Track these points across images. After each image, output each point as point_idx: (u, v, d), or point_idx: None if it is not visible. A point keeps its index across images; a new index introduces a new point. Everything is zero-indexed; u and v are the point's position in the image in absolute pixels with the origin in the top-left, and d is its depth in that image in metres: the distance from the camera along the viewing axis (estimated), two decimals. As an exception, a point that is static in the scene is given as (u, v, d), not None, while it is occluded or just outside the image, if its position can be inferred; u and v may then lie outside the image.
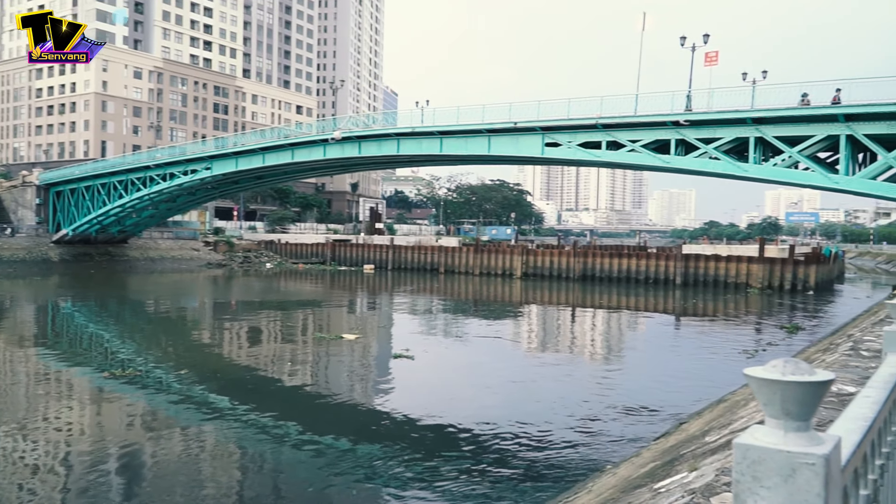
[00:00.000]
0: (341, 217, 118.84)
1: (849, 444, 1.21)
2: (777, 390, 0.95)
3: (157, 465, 11.77)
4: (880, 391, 1.80)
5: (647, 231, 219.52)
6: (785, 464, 0.91)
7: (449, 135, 43.85)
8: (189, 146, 62.46)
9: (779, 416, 0.96)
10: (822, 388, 0.95)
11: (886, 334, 2.60)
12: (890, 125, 29.00)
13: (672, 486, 6.22)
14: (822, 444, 0.92)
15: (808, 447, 0.91)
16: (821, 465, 0.90)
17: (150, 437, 13.47)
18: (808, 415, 0.95)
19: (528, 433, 13.57)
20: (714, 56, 39.43)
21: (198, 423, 14.14)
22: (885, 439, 1.84)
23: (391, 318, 34.74)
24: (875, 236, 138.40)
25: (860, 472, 1.37)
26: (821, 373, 0.96)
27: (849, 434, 1.29)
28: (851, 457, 1.18)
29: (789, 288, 47.19)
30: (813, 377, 0.94)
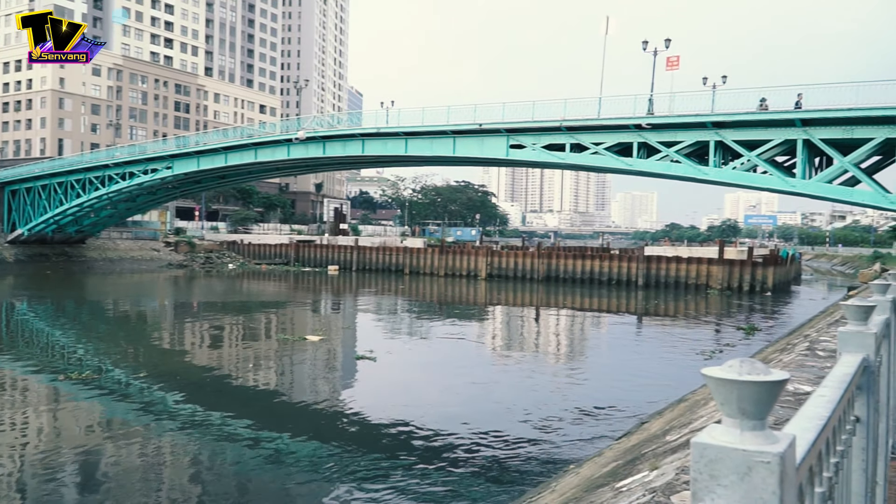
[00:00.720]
0: (305, 218, 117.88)
1: (804, 443, 1.23)
2: (733, 390, 0.96)
3: (114, 469, 11.51)
4: (835, 390, 1.84)
5: (610, 233, 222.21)
6: (741, 462, 0.92)
7: (414, 136, 43.82)
8: (149, 145, 61.39)
9: (735, 415, 0.97)
10: (777, 387, 0.96)
11: (841, 335, 2.66)
12: (845, 130, 29.80)
13: (633, 485, 6.29)
14: (778, 443, 0.93)
15: (763, 446, 0.92)
16: (776, 463, 0.91)
17: (107, 440, 13.18)
18: (763, 414, 0.96)
19: (491, 434, 13.61)
20: (675, 61, 40.09)
21: (156, 426, 13.88)
22: (840, 438, 1.87)
23: (355, 320, 34.57)
24: (831, 239, 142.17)
25: (815, 470, 1.39)
26: (776, 372, 0.97)
27: (804, 433, 1.31)
28: (806, 455, 1.20)
29: (748, 289, 48.17)
30: (768, 377, 0.96)
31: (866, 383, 2.56)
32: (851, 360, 2.36)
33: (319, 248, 69.42)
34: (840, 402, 1.78)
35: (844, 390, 1.88)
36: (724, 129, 32.73)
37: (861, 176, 29.94)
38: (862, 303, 2.84)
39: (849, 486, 2.26)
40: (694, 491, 0.96)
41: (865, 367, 2.52)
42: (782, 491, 0.92)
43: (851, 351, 2.55)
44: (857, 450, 2.44)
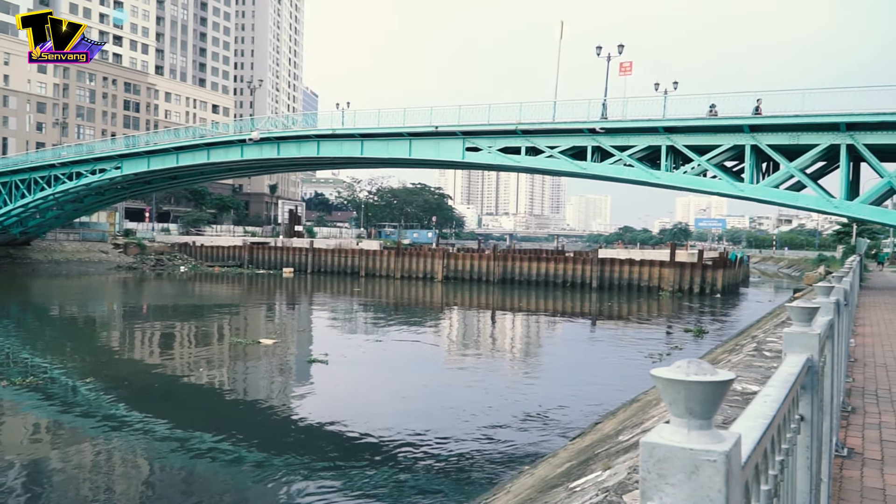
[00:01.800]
0: (259, 219, 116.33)
1: (749, 441, 1.25)
2: (681, 390, 0.97)
3: (60, 476, 11.15)
4: (780, 390, 1.88)
5: (564, 235, 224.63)
6: (688, 461, 0.93)
7: (370, 137, 43.65)
8: (97, 144, 59.81)
9: (683, 414, 0.98)
10: (723, 387, 0.98)
11: (786, 336, 2.72)
12: (791, 136, 30.72)
13: (587, 485, 6.36)
14: (724, 442, 0.95)
15: (709, 445, 0.94)
16: (721, 461, 0.92)
17: (53, 447, 12.78)
18: (710, 413, 0.97)
19: (445, 436, 13.61)
20: (628, 66, 40.79)
21: (104, 432, 13.50)
22: (785, 436, 1.92)
23: (310, 322, 34.22)
24: (777, 242, 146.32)
25: (761, 468, 1.42)
26: (722, 373, 0.98)
27: (750, 431, 1.34)
28: (752, 453, 1.22)
29: (698, 291, 49.23)
30: (715, 377, 0.97)
31: (810, 383, 2.63)
32: (796, 361, 2.42)
33: (274, 251, 68.57)
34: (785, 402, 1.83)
35: (789, 390, 1.92)
36: (675, 134, 33.43)
37: (806, 181, 30.90)
38: (806, 305, 2.91)
39: (794, 484, 2.31)
40: (643, 490, 0.97)
41: (809, 367, 2.59)
42: (728, 489, 0.93)
43: (796, 351, 2.61)
44: (801, 448, 2.51)
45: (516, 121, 37.64)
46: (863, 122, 28.91)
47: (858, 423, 6.25)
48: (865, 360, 9.84)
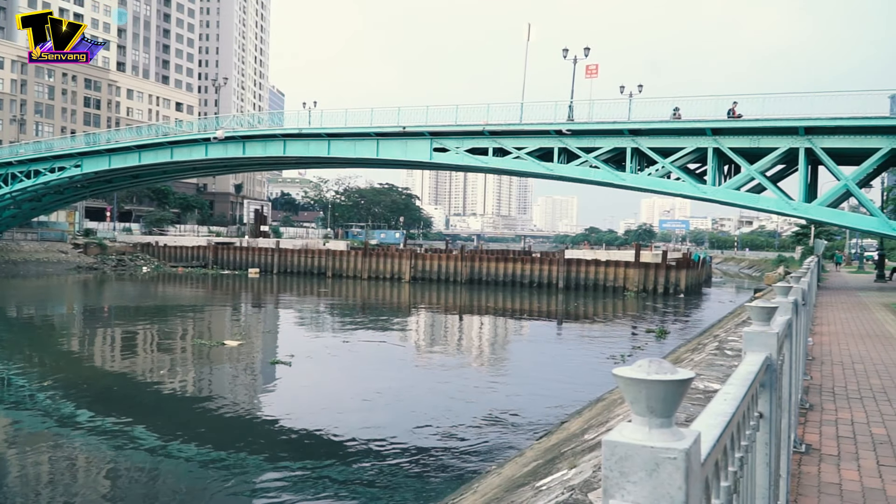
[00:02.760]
0: (224, 219, 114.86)
1: (709, 439, 1.27)
2: (642, 389, 0.99)
3: (18, 483, 10.87)
4: (739, 388, 1.91)
5: (531, 236, 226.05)
6: (649, 459, 0.94)
7: (337, 137, 43.43)
8: (57, 141, 58.50)
9: (644, 413, 0.99)
10: (683, 385, 0.99)
11: (746, 335, 2.77)
12: (752, 140, 31.36)
13: (553, 484, 6.41)
14: (684, 440, 0.96)
15: (670, 442, 0.95)
16: (682, 458, 0.93)
17: (11, 451, 12.45)
18: (670, 412, 0.99)
19: (412, 437, 13.60)
20: (594, 69, 41.22)
21: (64, 436, 13.21)
22: (745, 433, 1.95)
23: (276, 323, 33.90)
24: (739, 243, 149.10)
25: (721, 465, 1.44)
26: (682, 372, 1.00)
27: (710, 429, 1.36)
28: (712, 450, 1.24)
29: (662, 291, 49.92)
30: (675, 376, 0.99)
31: (769, 381, 2.69)
32: (755, 359, 2.47)
33: (239, 251, 67.77)
34: (744, 399, 1.86)
35: (748, 388, 1.96)
36: (639, 136, 33.87)
37: (766, 183, 31.56)
38: (765, 304, 2.98)
39: (753, 480, 2.36)
40: (605, 488, 0.98)
41: (768, 365, 2.64)
42: (688, 485, 0.95)
43: (756, 350, 2.67)
44: (760, 444, 2.56)
45: (484, 122, 37.79)
46: (820, 127, 29.63)
47: (816, 419, 6.41)
48: (823, 358, 10.09)
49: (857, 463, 5.07)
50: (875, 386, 8.14)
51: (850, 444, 5.60)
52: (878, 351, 11.00)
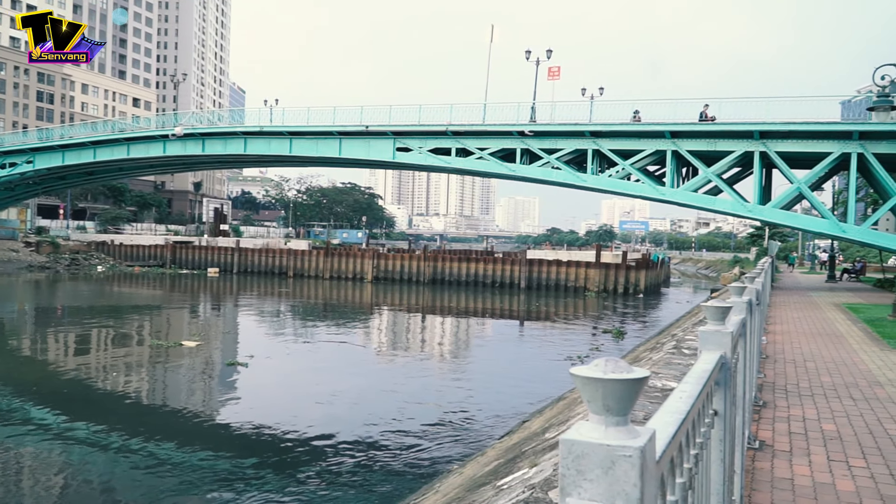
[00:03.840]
0: (183, 218, 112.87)
1: (665, 436, 1.29)
2: (598, 388, 1.00)
3: (-37, 490, 10.52)
4: (694, 386, 1.95)
5: (494, 236, 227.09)
6: (605, 457, 0.96)
7: (299, 136, 43.04)
8: (8, 136, 56.85)
9: (600, 411, 1.00)
10: (639, 384, 1.01)
11: (701, 334, 2.82)
12: (709, 143, 31.97)
13: (514, 483, 6.45)
14: (639, 437, 0.98)
15: (625, 440, 0.96)
16: (637, 456, 0.95)
17: (-45, 459, 12.04)
18: (626, 410, 1.00)
19: (373, 438, 13.54)
20: (556, 71, 41.59)
21: (15, 439, 12.82)
22: (699, 430, 1.98)
23: (236, 324, 33.45)
24: (696, 244, 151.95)
25: (676, 462, 1.46)
26: (638, 370, 1.01)
27: (665, 426, 1.38)
28: (667, 447, 1.26)
29: (622, 291, 50.60)
30: (630, 375, 1.00)
31: (724, 379, 2.74)
32: (710, 358, 2.52)
33: (198, 250, 66.65)
34: (699, 397, 1.90)
35: (703, 386, 2.00)
36: (600, 138, 34.27)
37: (723, 186, 32.23)
38: (720, 304, 3.03)
39: (708, 476, 2.41)
40: (562, 486, 0.99)
41: (723, 363, 2.69)
42: (643, 482, 0.96)
43: (711, 349, 2.72)
44: (715, 441, 2.61)
45: (447, 122, 37.83)
46: (774, 131, 30.36)
47: (769, 416, 6.56)
48: (776, 356, 10.34)
49: (808, 458, 5.21)
50: (826, 383, 8.38)
51: (802, 440, 5.75)
52: (829, 349, 11.32)
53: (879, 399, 7.49)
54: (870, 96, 28.86)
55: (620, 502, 0.96)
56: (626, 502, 0.96)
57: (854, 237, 31.32)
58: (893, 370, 9.38)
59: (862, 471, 4.94)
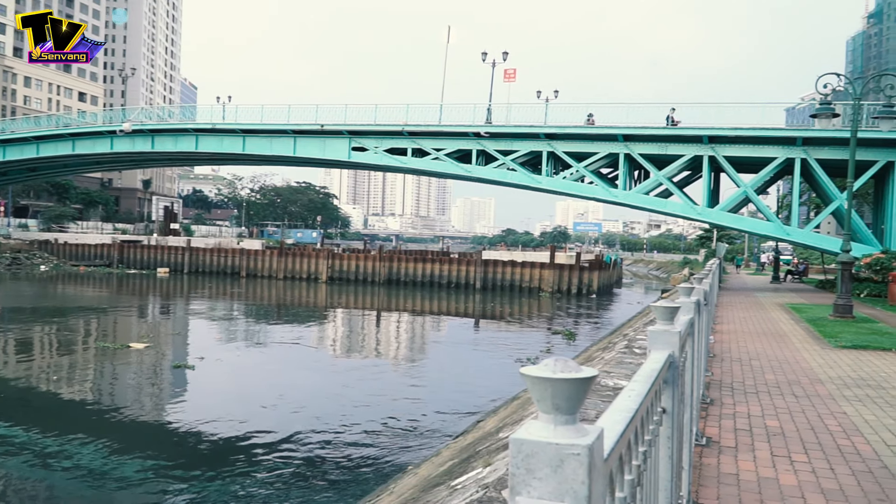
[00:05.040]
0: (131, 216, 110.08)
1: (613, 434, 1.32)
2: (547, 387, 1.01)
3: None
4: (643, 384, 1.98)
5: (450, 237, 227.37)
6: (554, 455, 0.97)
7: (253, 134, 42.43)
8: (-56, 131, 54.57)
9: (549, 410, 1.01)
10: (587, 383, 1.02)
11: (650, 334, 2.87)
12: (660, 147, 32.63)
13: (468, 482, 6.47)
14: (587, 436, 0.99)
15: (573, 439, 0.98)
16: (585, 454, 0.96)
17: None
18: (574, 409, 1.02)
19: (325, 441, 13.42)
20: (512, 73, 41.92)
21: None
22: (648, 428, 2.02)
23: (186, 325, 32.79)
24: (648, 245, 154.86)
25: (625, 459, 1.49)
26: (585, 370, 1.03)
27: (614, 425, 1.40)
28: (616, 445, 1.28)
29: (576, 292, 51.21)
30: (579, 374, 1.01)
31: (672, 377, 2.80)
32: (659, 357, 2.57)
33: (147, 249, 65.11)
34: (648, 395, 1.94)
35: (651, 384, 2.04)
36: (555, 140, 34.65)
37: (673, 189, 32.93)
38: (668, 304, 3.10)
39: (657, 472, 2.45)
40: (512, 485, 1.00)
41: (671, 362, 2.75)
42: (591, 480, 0.98)
43: (659, 348, 2.77)
44: (663, 438, 2.66)
45: (403, 122, 37.77)
46: (723, 136, 31.16)
47: (716, 413, 6.73)
48: (723, 355, 10.61)
49: (753, 454, 5.36)
50: (770, 381, 8.63)
51: (747, 436, 5.91)
52: (773, 348, 11.66)
53: (820, 396, 7.75)
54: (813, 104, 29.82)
55: (569, 500, 0.98)
56: (575, 500, 0.98)
57: (797, 239, 32.37)
58: (834, 368, 9.71)
59: (803, 465, 5.10)
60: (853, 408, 7.14)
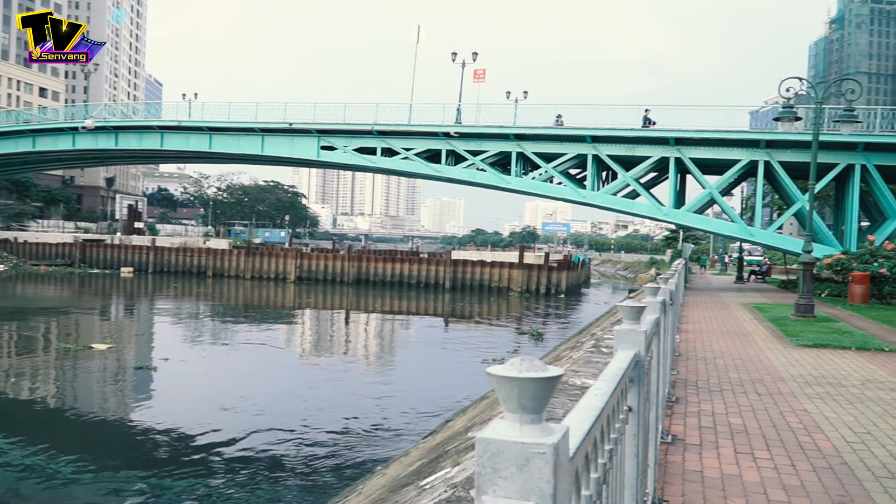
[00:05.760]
0: (94, 215, 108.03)
1: (579, 433, 1.32)
2: (514, 386, 1.01)
3: None
4: (609, 383, 2.00)
5: (419, 237, 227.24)
6: (520, 454, 0.97)
7: (219, 131, 41.89)
8: None
9: (516, 410, 1.02)
10: (553, 383, 1.03)
11: (617, 333, 2.90)
12: (628, 148, 32.99)
13: (436, 482, 6.47)
14: (553, 435, 0.99)
15: (539, 438, 0.98)
16: (550, 453, 0.96)
17: None
18: (540, 408, 1.02)
19: (293, 442, 13.30)
20: (482, 74, 42.03)
21: None
22: (614, 426, 2.04)
23: (151, 325, 32.27)
24: (615, 246, 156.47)
25: (591, 457, 1.50)
26: (551, 369, 1.03)
27: (580, 423, 1.41)
28: (581, 443, 1.28)
29: (545, 291, 51.53)
30: (544, 373, 1.02)
31: (638, 376, 2.83)
32: (625, 356, 2.60)
33: (110, 249, 63.91)
34: (614, 394, 1.95)
35: (618, 383, 2.06)
36: (524, 141, 34.83)
37: (640, 190, 33.32)
38: (635, 304, 3.13)
39: (622, 470, 2.48)
40: (478, 484, 1.00)
41: (637, 361, 2.78)
42: (556, 479, 0.98)
43: (626, 347, 2.80)
44: (629, 436, 2.69)
45: (372, 121, 37.63)
46: (689, 138, 31.64)
47: (681, 411, 6.83)
48: (689, 354, 10.76)
49: (717, 451, 5.45)
50: (734, 379, 8.78)
51: (711, 434, 6.01)
52: (737, 347, 11.87)
53: (782, 393, 7.91)
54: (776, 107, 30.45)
55: (535, 498, 0.98)
56: (541, 498, 0.98)
57: (760, 240, 33.00)
58: (795, 366, 9.92)
59: (766, 462, 5.20)
60: (814, 405, 7.29)
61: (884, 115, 30.04)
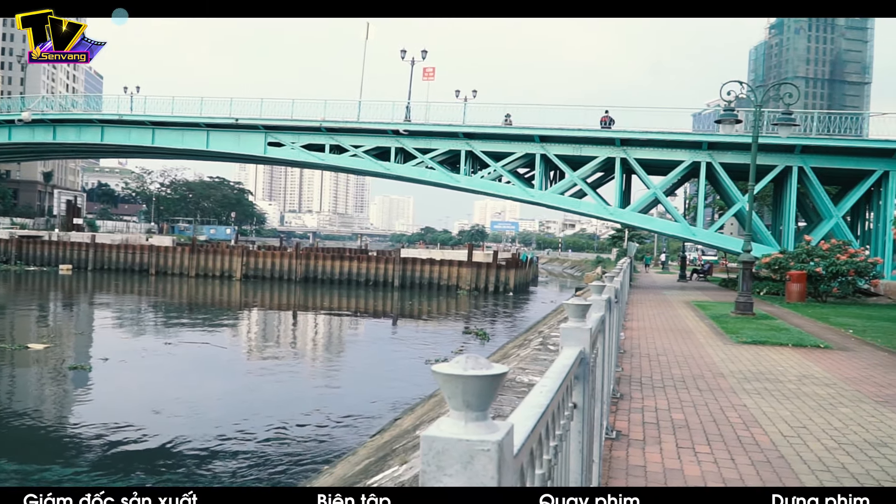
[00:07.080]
0: (31, 210, 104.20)
1: (524, 430, 1.33)
2: (459, 384, 1.01)
3: None
4: (555, 381, 2.02)
5: (368, 235, 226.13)
6: (464, 452, 0.97)
7: (163, 126, 40.85)
8: None
9: (460, 407, 1.02)
10: (497, 380, 1.03)
11: (562, 330, 2.93)
12: (575, 148, 33.45)
13: (384, 481, 6.45)
14: (497, 432, 1.00)
15: (484, 435, 0.98)
16: (494, 450, 0.97)
17: None
18: (485, 405, 1.02)
19: (236, 443, 13.05)
20: (431, 72, 42.03)
21: None
22: (559, 423, 2.06)
23: (90, 324, 31.28)
24: (563, 244, 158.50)
25: (536, 454, 1.51)
26: (496, 367, 1.04)
27: (525, 420, 1.42)
28: (526, 440, 1.29)
29: (493, 290, 51.86)
30: (489, 371, 1.02)
31: (583, 373, 2.87)
32: (570, 353, 2.63)
33: (48, 245, 61.69)
34: (559, 391, 1.98)
35: (563, 380, 2.09)
36: (473, 139, 34.98)
37: (587, 189, 33.86)
38: (580, 302, 3.18)
39: (567, 466, 2.51)
40: (423, 482, 1.00)
41: (582, 359, 2.82)
42: (500, 475, 0.99)
43: (571, 345, 2.83)
44: (574, 433, 2.73)
45: (321, 118, 37.23)
46: (634, 139, 32.29)
47: (626, 407, 6.96)
48: (633, 351, 10.98)
49: (659, 446, 5.57)
50: (676, 375, 9.00)
51: (654, 429, 6.14)
52: (679, 344, 12.17)
53: (722, 389, 8.14)
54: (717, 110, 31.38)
55: (479, 496, 0.98)
56: (485, 496, 0.98)
57: (702, 239, 33.90)
58: (735, 363, 10.22)
59: (706, 456, 5.34)
60: (752, 400, 7.53)
61: (820, 118, 31.20)
